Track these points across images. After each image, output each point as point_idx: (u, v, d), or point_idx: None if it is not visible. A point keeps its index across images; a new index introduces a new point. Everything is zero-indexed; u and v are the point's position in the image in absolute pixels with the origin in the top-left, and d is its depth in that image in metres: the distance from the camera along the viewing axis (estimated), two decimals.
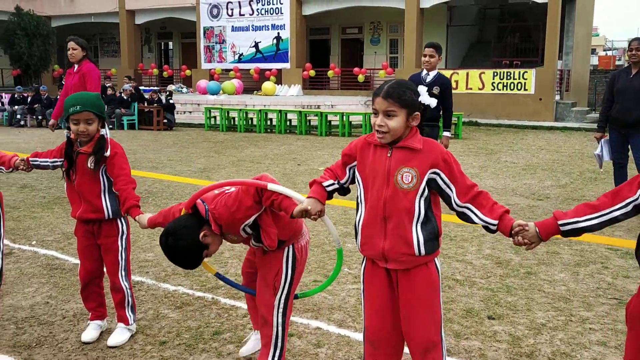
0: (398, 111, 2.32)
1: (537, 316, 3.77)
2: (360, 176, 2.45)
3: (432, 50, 6.42)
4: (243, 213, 2.63)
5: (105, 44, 32.02)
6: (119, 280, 3.42)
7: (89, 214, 3.28)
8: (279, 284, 2.85)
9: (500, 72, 19.71)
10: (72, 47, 6.93)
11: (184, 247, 2.61)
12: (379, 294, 2.47)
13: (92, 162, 3.24)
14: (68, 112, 3.15)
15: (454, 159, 2.39)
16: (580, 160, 10.89)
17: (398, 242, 2.36)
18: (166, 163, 10.27)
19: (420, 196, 2.35)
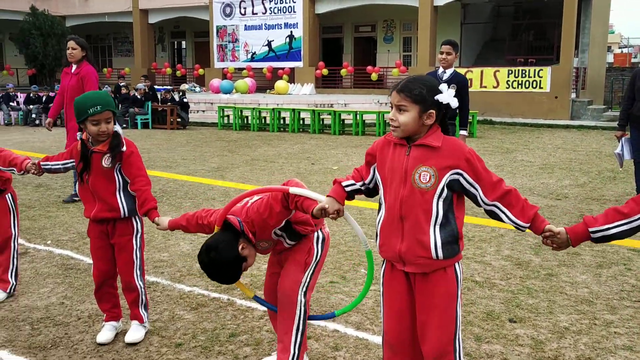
0: (409, 106, 2.27)
1: (559, 319, 3.68)
2: (379, 175, 2.41)
3: (449, 48, 6.33)
4: (275, 218, 2.74)
5: (119, 44, 32.18)
6: (134, 280, 3.39)
7: (105, 213, 3.25)
8: (310, 262, 2.92)
9: (515, 70, 19.51)
10: (72, 46, 6.79)
11: (227, 261, 2.69)
12: (398, 297, 2.42)
13: (108, 160, 3.21)
14: (88, 113, 3.10)
15: (477, 156, 2.31)
16: (598, 159, 10.72)
17: (414, 244, 2.30)
18: (180, 162, 10.26)
19: (438, 196, 2.28)
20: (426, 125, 2.29)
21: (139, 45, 27.35)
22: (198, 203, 6.95)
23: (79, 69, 6.84)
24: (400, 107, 2.29)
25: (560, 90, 18.75)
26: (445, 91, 2.30)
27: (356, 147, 12.34)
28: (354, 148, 12.24)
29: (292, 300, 2.87)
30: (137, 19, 27.12)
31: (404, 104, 2.28)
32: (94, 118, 3.11)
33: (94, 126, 3.14)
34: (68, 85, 6.87)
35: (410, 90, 2.27)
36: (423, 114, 2.27)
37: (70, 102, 6.83)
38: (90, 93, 3.21)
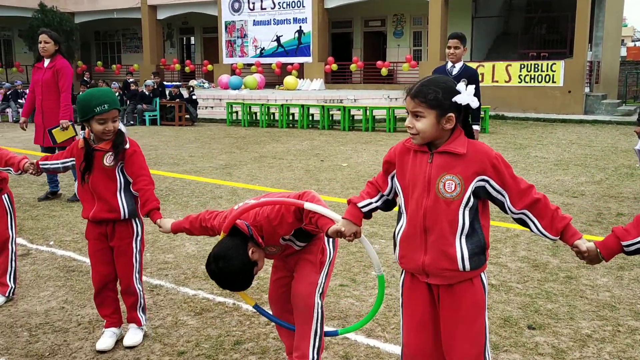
0: (425, 112, 2.12)
1: (581, 326, 3.50)
2: (399, 184, 2.25)
3: (456, 42, 6.13)
4: (286, 229, 2.62)
5: (128, 40, 32.12)
6: (134, 284, 3.27)
7: (105, 214, 3.12)
8: (324, 261, 2.81)
9: (527, 64, 19.20)
10: (45, 40, 6.57)
11: (237, 268, 2.55)
12: (420, 309, 2.27)
13: (110, 158, 3.08)
14: (94, 112, 2.97)
15: (505, 162, 2.15)
16: (614, 155, 10.47)
17: (439, 257, 2.15)
18: (187, 159, 10.13)
19: (464, 206, 2.13)
20: (446, 129, 2.13)
21: (147, 41, 27.27)
22: (205, 202, 6.81)
23: (52, 62, 6.66)
24: (417, 114, 2.13)
25: (574, 84, 18.44)
26: (463, 91, 2.12)
27: (366, 144, 12.16)
28: (364, 144, 12.05)
29: (309, 304, 2.73)
30: (145, 15, 27.03)
31: (420, 110, 2.12)
32: (100, 117, 2.99)
33: (100, 125, 3.01)
34: (42, 80, 6.68)
35: (425, 95, 2.11)
36: (441, 119, 2.11)
37: (45, 97, 6.69)
38: (96, 91, 3.06)
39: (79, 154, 3.16)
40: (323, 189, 7.54)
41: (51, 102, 6.71)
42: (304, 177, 8.34)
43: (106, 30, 32.23)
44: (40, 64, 6.76)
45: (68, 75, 6.72)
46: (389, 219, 5.73)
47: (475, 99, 2.13)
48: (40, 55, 6.73)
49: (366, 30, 25.99)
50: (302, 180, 8.15)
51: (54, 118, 6.71)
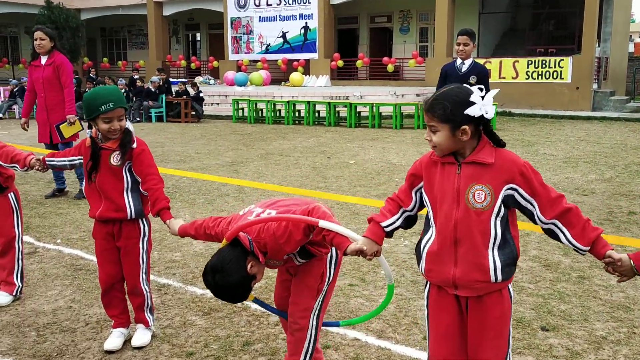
0: (439, 126, 2.09)
1: (595, 327, 3.44)
2: (427, 197, 2.21)
3: (466, 38, 6.08)
4: (292, 246, 2.50)
5: (134, 36, 32.13)
6: (140, 284, 3.24)
7: (111, 213, 3.08)
8: (322, 287, 2.70)
9: (535, 60, 19.08)
10: (41, 37, 6.51)
11: (234, 282, 2.43)
12: (447, 320, 2.23)
13: (117, 157, 3.04)
14: (99, 111, 2.91)
15: (533, 169, 2.11)
16: (623, 152, 10.37)
17: (471, 269, 2.11)
18: (194, 156, 10.10)
19: (496, 216, 2.09)
20: (464, 141, 2.09)
21: (153, 37, 27.27)
22: (212, 199, 6.77)
23: (51, 59, 6.61)
24: (432, 128, 2.12)
25: (582, 80, 18.30)
26: (478, 102, 2.07)
27: (373, 141, 12.10)
28: (371, 141, 11.99)
29: (303, 326, 2.69)
30: (151, 11, 27.02)
31: (434, 124, 2.11)
32: (106, 116, 2.94)
33: (106, 124, 2.96)
34: (42, 77, 6.62)
35: (436, 109, 2.09)
36: (456, 132, 2.07)
37: (48, 94, 6.65)
38: (101, 89, 3.01)
39: (86, 153, 3.12)
40: (330, 186, 7.49)
41: (55, 98, 6.68)
42: (311, 175, 8.29)
43: (112, 26, 32.25)
44: (37, 61, 6.69)
45: (69, 70, 6.69)
46: None
47: (492, 108, 2.09)
48: (36, 53, 6.67)
49: (372, 26, 25.89)
50: (309, 177, 8.10)
51: (60, 114, 6.68)
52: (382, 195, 6.96)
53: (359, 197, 6.81)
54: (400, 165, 8.95)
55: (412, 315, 3.64)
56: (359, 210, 6.16)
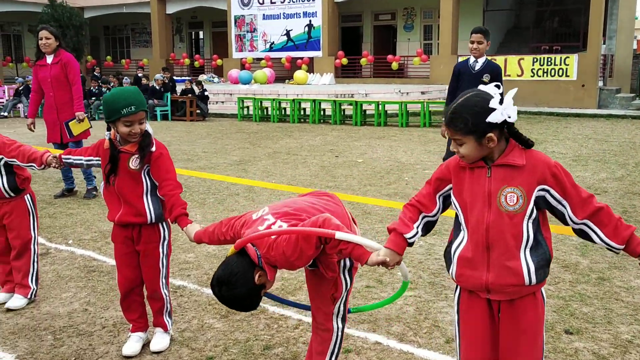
0: (463, 138, 2.05)
1: (620, 331, 3.39)
2: (457, 201, 2.17)
3: (479, 36, 6.01)
4: (304, 261, 2.39)
5: (137, 34, 32.08)
6: (160, 289, 3.19)
7: (130, 217, 3.02)
8: (338, 296, 2.63)
9: (540, 57, 18.99)
10: (46, 36, 6.48)
11: (241, 294, 2.36)
12: (479, 325, 2.18)
13: (135, 161, 2.98)
14: (121, 114, 2.85)
15: (565, 170, 2.07)
16: (632, 150, 10.30)
17: (504, 273, 2.07)
18: (201, 155, 10.05)
19: (528, 218, 2.05)
20: (491, 147, 2.05)
21: (157, 36, 27.20)
22: (222, 199, 6.73)
23: (57, 57, 6.58)
24: (456, 141, 2.08)
25: (588, 78, 18.22)
26: (498, 107, 2.02)
27: (379, 139, 12.04)
28: (378, 140, 11.93)
29: (329, 328, 2.67)
30: (154, 9, 26.95)
31: (458, 138, 2.07)
32: (127, 119, 2.87)
33: (127, 127, 2.90)
34: (50, 76, 6.58)
35: (455, 124, 2.05)
36: (482, 141, 2.03)
37: (57, 93, 6.62)
38: (122, 91, 2.93)
39: (104, 155, 3.06)
40: (340, 185, 7.44)
41: (64, 97, 6.67)
42: (320, 174, 8.24)
43: (115, 24, 32.19)
44: (43, 61, 6.65)
45: (76, 67, 6.69)
46: None
47: (515, 110, 2.04)
48: (41, 53, 6.63)
49: (376, 24, 25.80)
50: (318, 176, 8.05)
51: (69, 112, 6.68)
52: (392, 195, 6.91)
53: (370, 197, 6.76)
54: (409, 164, 8.90)
55: (432, 318, 3.59)
56: (371, 210, 6.10)
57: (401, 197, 6.83)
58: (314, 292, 2.68)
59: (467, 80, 6.01)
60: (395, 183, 7.60)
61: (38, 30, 6.65)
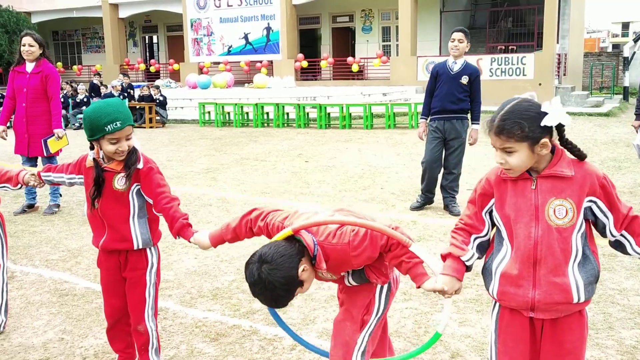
0: (516, 146, 1.93)
1: (622, 336, 3.34)
2: (499, 215, 2.04)
3: (461, 35, 5.96)
4: (361, 261, 2.23)
5: (88, 39, 31.14)
6: (145, 321, 2.87)
7: (116, 244, 2.76)
8: (368, 319, 2.42)
9: (498, 57, 19.31)
10: (30, 43, 6.14)
11: (280, 280, 2.12)
12: (520, 345, 2.07)
13: (121, 180, 2.70)
14: (105, 131, 2.56)
15: (611, 182, 1.98)
16: (595, 147, 10.50)
17: (553, 291, 1.96)
18: (166, 164, 9.71)
19: (577, 232, 1.94)
20: (542, 155, 1.94)
21: (109, 40, 26.46)
22: (194, 210, 6.47)
23: (39, 67, 6.23)
24: (507, 150, 1.94)
25: (544, 77, 18.61)
26: (550, 111, 1.91)
27: (346, 142, 11.93)
28: (345, 143, 11.82)
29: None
30: (107, 13, 26.21)
31: (509, 146, 1.93)
32: (112, 136, 2.58)
33: (113, 145, 2.60)
34: (27, 86, 6.22)
35: (509, 131, 1.92)
36: (535, 147, 1.92)
37: (31, 104, 6.27)
38: (105, 104, 2.63)
39: (87, 173, 2.79)
40: (314, 192, 7.28)
41: (37, 110, 6.30)
42: (292, 180, 8.06)
43: (65, 29, 31.16)
44: (22, 67, 6.27)
45: (57, 81, 6.34)
46: None
47: (567, 115, 1.93)
48: (21, 59, 6.25)
49: (334, 26, 25.76)
50: (291, 183, 7.86)
51: (42, 126, 6.32)
52: (370, 200, 6.79)
53: (347, 203, 6.61)
54: (381, 168, 8.81)
55: (433, 331, 3.46)
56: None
57: (378, 202, 6.72)
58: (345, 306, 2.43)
59: (446, 82, 5.94)
60: (370, 187, 7.48)
61: (22, 36, 6.27)
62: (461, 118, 6.09)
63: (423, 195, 6.31)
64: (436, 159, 6.15)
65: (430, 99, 6.11)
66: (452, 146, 6.11)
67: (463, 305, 3.80)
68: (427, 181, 6.24)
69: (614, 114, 16.53)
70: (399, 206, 6.48)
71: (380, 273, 2.33)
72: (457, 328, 3.48)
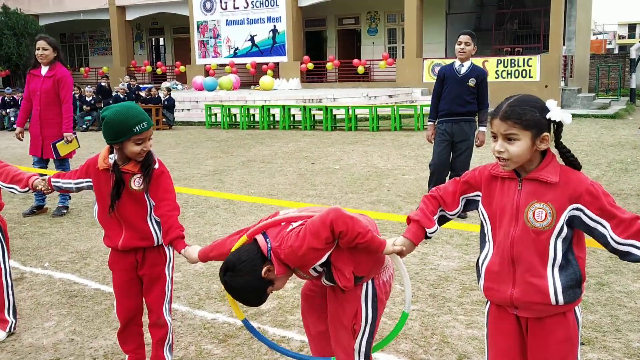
0: (520, 134, 1.95)
1: (630, 339, 3.35)
2: (486, 211, 2.11)
3: (467, 37, 5.99)
4: (312, 255, 2.24)
5: (95, 42, 31.31)
6: (164, 315, 2.96)
7: (136, 242, 2.82)
8: (358, 327, 2.45)
9: (504, 59, 19.29)
10: (44, 47, 6.26)
11: (244, 284, 2.27)
12: (507, 341, 2.12)
13: (138, 181, 2.77)
14: (133, 132, 2.63)
15: (603, 190, 1.98)
16: (602, 149, 10.49)
17: (529, 290, 2.01)
18: (173, 166, 9.76)
19: (557, 236, 1.97)
20: (539, 150, 1.98)
21: (116, 43, 26.60)
22: (202, 212, 6.51)
23: (52, 71, 6.34)
24: (510, 136, 1.96)
25: (550, 78, 18.58)
26: (553, 107, 1.96)
27: (353, 144, 11.95)
28: (351, 145, 11.85)
29: None
30: (114, 16, 26.35)
31: (514, 132, 1.95)
32: (139, 137, 2.67)
33: (138, 145, 2.69)
34: (41, 89, 6.34)
35: (520, 115, 1.95)
36: (537, 139, 1.95)
37: (46, 107, 6.39)
38: (128, 107, 2.71)
39: (97, 175, 2.84)
40: (321, 194, 7.30)
41: (50, 113, 6.41)
42: (299, 182, 8.09)
43: (72, 32, 31.35)
44: (37, 71, 6.39)
45: (70, 85, 6.45)
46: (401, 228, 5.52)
47: (569, 115, 1.97)
48: (37, 62, 6.38)
49: (340, 28, 25.83)
50: (297, 185, 7.89)
51: (54, 129, 6.43)
52: (376, 202, 6.81)
53: (353, 205, 6.64)
54: (387, 170, 8.82)
55: (440, 334, 3.48)
56: None
57: (385, 204, 6.74)
58: (334, 324, 2.48)
59: (453, 84, 5.96)
60: (376, 190, 7.50)
61: (36, 40, 6.40)
62: (469, 120, 6.11)
63: None
64: (444, 162, 6.17)
65: (437, 102, 6.13)
66: (459, 148, 6.13)
67: (470, 308, 3.81)
68: (434, 184, 6.25)
69: (620, 116, 16.48)
70: (405, 208, 6.49)
71: (343, 276, 2.30)
72: (464, 330, 3.50)
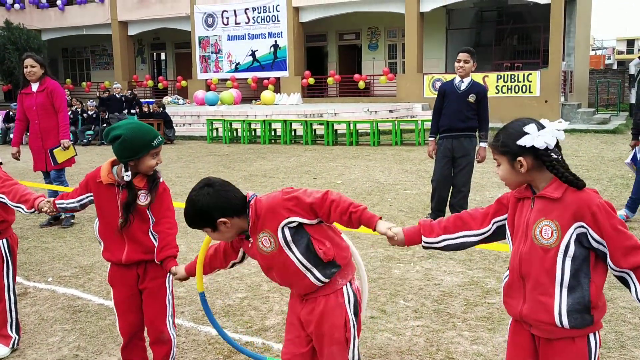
0: (499, 159, 2.11)
1: (635, 355, 3.35)
2: (509, 230, 2.19)
3: (466, 55, 6.04)
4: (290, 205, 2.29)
5: (97, 57, 31.48)
6: (167, 329, 2.96)
7: (140, 255, 2.85)
8: (350, 336, 2.45)
9: (504, 74, 19.39)
10: (31, 64, 6.44)
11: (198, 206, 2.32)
12: (521, 354, 2.15)
13: (144, 196, 2.82)
14: (152, 146, 2.72)
15: (608, 211, 1.94)
16: (603, 165, 10.52)
17: (537, 308, 2.03)
18: (175, 180, 9.79)
19: (564, 254, 1.97)
20: (523, 173, 2.04)
21: (118, 58, 26.75)
22: None
23: (42, 85, 6.51)
24: (496, 161, 2.14)
25: (550, 94, 18.67)
26: (532, 132, 1.98)
27: (354, 159, 11.99)
28: (352, 160, 11.88)
29: None
30: (116, 31, 26.53)
31: (496, 157, 2.13)
32: (156, 150, 2.76)
33: (152, 159, 2.77)
34: (35, 104, 6.51)
35: (497, 142, 2.10)
36: (514, 164, 2.04)
37: (42, 120, 6.54)
38: (137, 124, 2.77)
39: (97, 189, 2.87)
40: None
41: (48, 124, 6.60)
42: None
43: (74, 46, 31.53)
44: (28, 89, 6.58)
45: (62, 94, 6.64)
46: None
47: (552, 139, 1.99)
48: (27, 81, 6.56)
49: (341, 43, 25.96)
50: None
51: (54, 139, 6.61)
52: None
53: None
54: (388, 185, 8.84)
55: (445, 350, 3.48)
56: (360, 234, 5.99)
57: (387, 219, 6.72)
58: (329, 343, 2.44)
59: (453, 100, 6.01)
60: (379, 204, 7.51)
61: (23, 59, 6.55)
62: (469, 136, 6.14)
63: (433, 213, 6.34)
64: (446, 178, 6.20)
65: (438, 118, 6.17)
66: (460, 164, 6.15)
67: (474, 324, 3.81)
68: (436, 200, 6.27)
69: (620, 131, 16.53)
70: (408, 223, 6.51)
71: (322, 244, 2.34)
72: (468, 346, 3.50)
